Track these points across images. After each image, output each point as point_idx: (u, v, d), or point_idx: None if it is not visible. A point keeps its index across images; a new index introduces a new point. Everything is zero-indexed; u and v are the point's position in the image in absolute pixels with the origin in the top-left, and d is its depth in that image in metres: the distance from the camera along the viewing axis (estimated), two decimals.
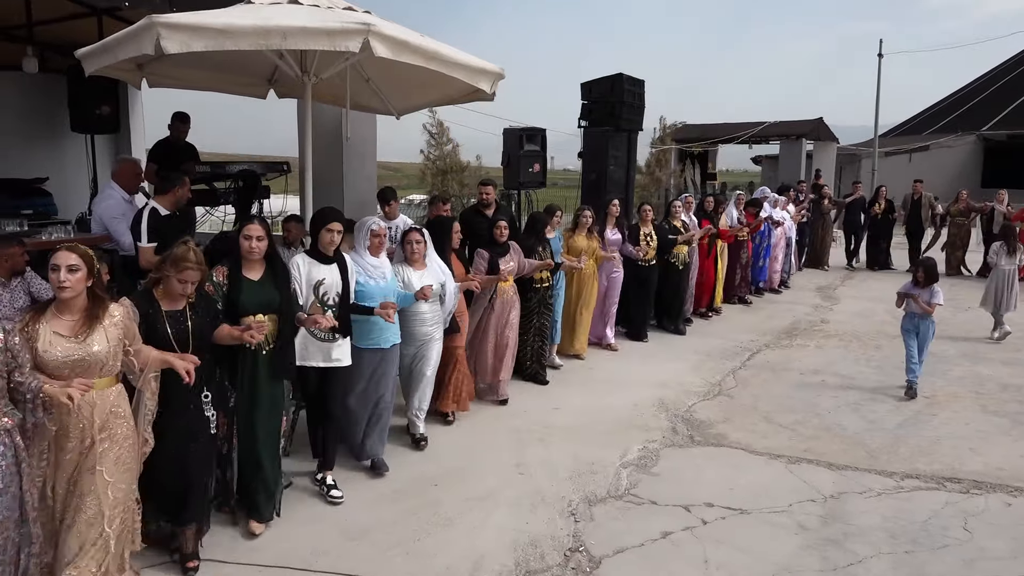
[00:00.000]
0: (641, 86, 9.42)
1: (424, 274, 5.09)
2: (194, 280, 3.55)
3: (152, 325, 3.49)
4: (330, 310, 4.33)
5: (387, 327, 4.73)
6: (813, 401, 6.42)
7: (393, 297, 4.75)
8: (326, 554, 3.84)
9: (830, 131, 20.71)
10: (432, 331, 5.21)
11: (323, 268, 4.39)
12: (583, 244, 7.30)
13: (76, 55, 4.80)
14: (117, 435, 3.22)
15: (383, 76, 6.03)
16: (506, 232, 6.16)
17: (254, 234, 3.98)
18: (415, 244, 5.07)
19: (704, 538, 4.08)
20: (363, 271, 4.67)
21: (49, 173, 8.22)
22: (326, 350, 4.39)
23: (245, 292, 3.93)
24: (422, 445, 5.24)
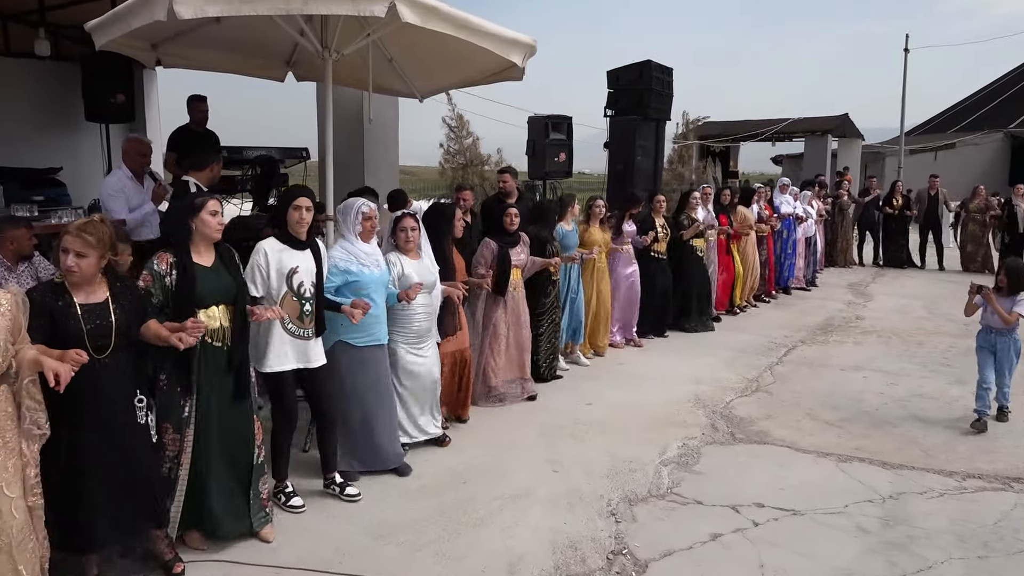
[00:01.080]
0: (669, 74, 9.14)
1: (420, 264, 4.63)
2: (76, 250, 2.91)
3: (62, 321, 2.91)
4: (308, 303, 3.85)
5: (383, 319, 4.33)
6: (857, 398, 6.09)
7: (384, 289, 4.33)
8: (350, 555, 3.56)
9: (855, 128, 20.30)
10: (431, 328, 4.75)
11: (296, 254, 3.84)
12: (599, 237, 6.95)
13: (86, 28, 4.57)
14: (11, 443, 2.68)
15: (406, 55, 5.77)
16: (517, 220, 5.73)
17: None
18: (410, 231, 4.56)
19: (757, 540, 3.76)
20: (355, 259, 4.19)
21: (63, 163, 8.03)
22: (304, 348, 3.90)
23: (201, 280, 3.36)
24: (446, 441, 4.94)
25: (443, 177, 15.43)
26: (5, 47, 8.26)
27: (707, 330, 8.31)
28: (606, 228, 7.11)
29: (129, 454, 3.13)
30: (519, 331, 5.79)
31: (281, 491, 4.02)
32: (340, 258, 4.18)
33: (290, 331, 3.85)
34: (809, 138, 19.57)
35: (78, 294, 2.99)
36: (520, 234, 5.77)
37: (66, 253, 2.92)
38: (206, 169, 5.17)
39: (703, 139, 19.97)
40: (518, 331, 5.78)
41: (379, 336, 4.33)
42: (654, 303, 7.90)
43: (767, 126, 19.41)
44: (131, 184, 5.45)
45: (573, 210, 6.72)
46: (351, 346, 4.24)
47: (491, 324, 5.66)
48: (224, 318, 3.46)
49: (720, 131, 20.18)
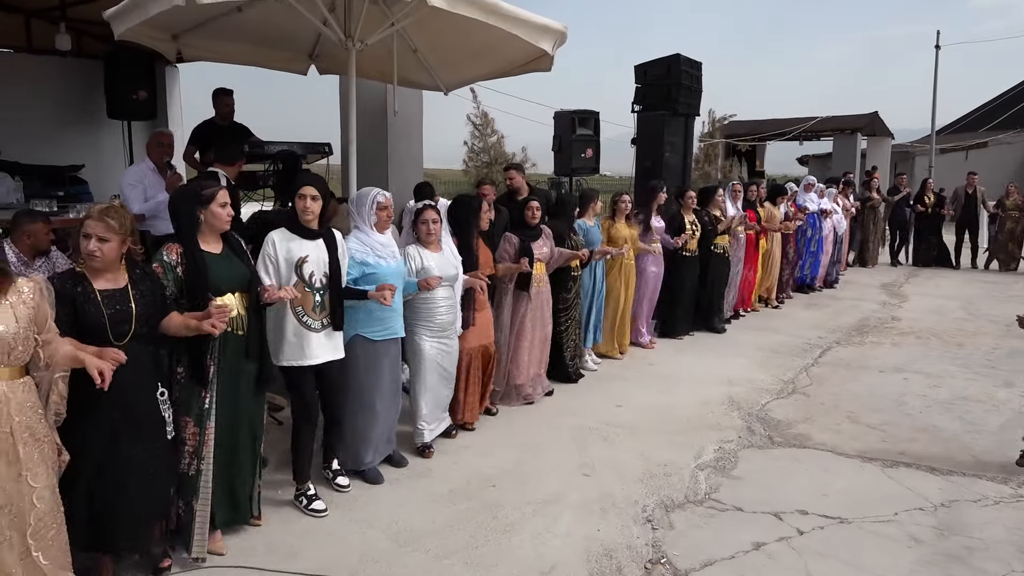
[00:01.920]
0: (699, 68, 8.92)
1: (441, 257, 4.53)
2: (99, 234, 2.85)
3: (82, 309, 2.85)
4: (319, 294, 3.73)
5: (400, 312, 4.23)
6: (899, 400, 5.85)
7: (401, 281, 4.20)
8: (375, 562, 3.40)
9: (885, 126, 19.89)
10: (453, 321, 4.64)
11: (305, 244, 3.72)
12: (625, 233, 6.74)
13: (105, 16, 4.45)
14: (38, 432, 2.62)
15: (432, 46, 5.61)
16: (539, 214, 5.55)
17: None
18: (431, 224, 4.47)
19: (803, 550, 3.55)
20: (372, 250, 4.07)
21: (85, 161, 7.95)
22: (323, 342, 3.78)
23: (213, 267, 3.28)
24: (454, 433, 4.89)
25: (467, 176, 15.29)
26: (27, 44, 8.20)
27: (717, 332, 8.01)
28: (632, 224, 6.91)
29: (148, 449, 3.05)
30: (543, 327, 5.65)
31: (303, 494, 3.88)
32: (356, 250, 4.05)
33: (305, 323, 3.73)
34: (838, 137, 19.20)
35: (97, 281, 2.91)
36: (542, 228, 5.61)
37: (88, 238, 2.86)
38: (235, 165, 5.16)
39: (729, 138, 19.68)
40: (543, 327, 5.64)
41: (396, 329, 4.23)
42: (683, 302, 7.69)
43: (795, 125, 19.07)
44: (152, 176, 5.40)
45: (595, 206, 6.51)
46: (368, 340, 4.11)
47: (517, 321, 5.48)
48: (239, 305, 3.37)
49: (747, 130, 19.88)
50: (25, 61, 8.26)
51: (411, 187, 6.70)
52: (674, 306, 7.64)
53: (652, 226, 7.13)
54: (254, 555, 3.43)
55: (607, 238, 6.64)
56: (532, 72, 5.52)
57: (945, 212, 13.09)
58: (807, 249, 10.29)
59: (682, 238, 7.32)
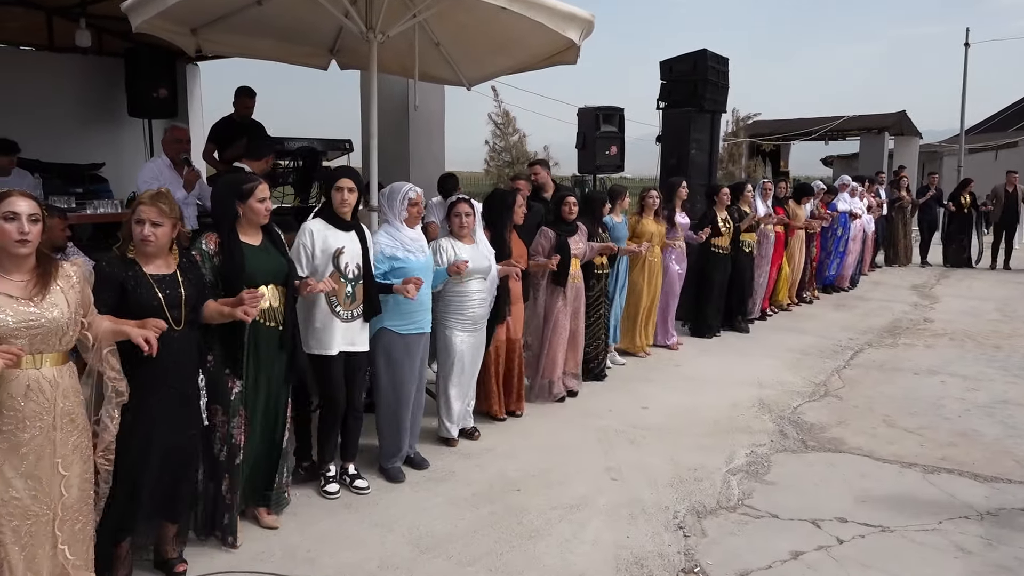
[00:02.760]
0: (725, 64, 8.70)
1: (474, 250, 4.51)
2: (152, 219, 2.88)
3: (135, 291, 2.87)
4: (351, 284, 3.77)
5: (428, 306, 4.19)
6: (937, 403, 5.64)
7: (430, 276, 4.20)
8: (395, 568, 3.27)
9: (913, 125, 19.48)
10: (485, 315, 4.63)
11: (342, 235, 3.77)
12: (652, 229, 6.63)
13: (122, 8, 4.37)
14: (77, 419, 2.60)
15: (454, 39, 5.49)
16: (575, 209, 5.50)
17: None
18: (464, 216, 4.46)
19: (844, 560, 3.38)
20: (401, 245, 4.06)
21: (106, 158, 7.91)
22: (350, 332, 3.83)
23: (250, 259, 3.32)
24: (476, 435, 4.80)
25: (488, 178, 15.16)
26: (49, 42, 8.20)
27: (741, 332, 7.87)
28: (660, 221, 6.78)
29: (186, 431, 3.09)
30: (577, 323, 5.58)
31: (322, 474, 3.97)
32: (386, 244, 4.04)
33: (337, 314, 3.76)
34: (864, 136, 18.83)
35: (148, 266, 2.94)
36: (578, 224, 5.55)
37: (141, 224, 2.89)
38: (262, 160, 5.16)
39: (753, 137, 19.41)
40: (576, 323, 5.56)
41: (422, 324, 4.18)
42: (713, 300, 7.56)
43: (820, 124, 18.75)
44: (168, 172, 5.34)
45: (623, 202, 6.42)
46: (395, 333, 4.07)
47: (553, 316, 5.41)
48: (275, 298, 3.39)
49: (771, 129, 19.58)
50: (46, 59, 8.26)
51: (433, 184, 6.59)
52: (704, 304, 7.51)
53: (676, 222, 7.04)
54: (271, 560, 3.31)
55: (632, 234, 6.54)
56: (557, 65, 5.38)
57: (985, 208, 12.79)
58: (835, 248, 10.11)
59: (704, 232, 7.18)
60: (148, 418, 2.92)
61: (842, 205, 9.97)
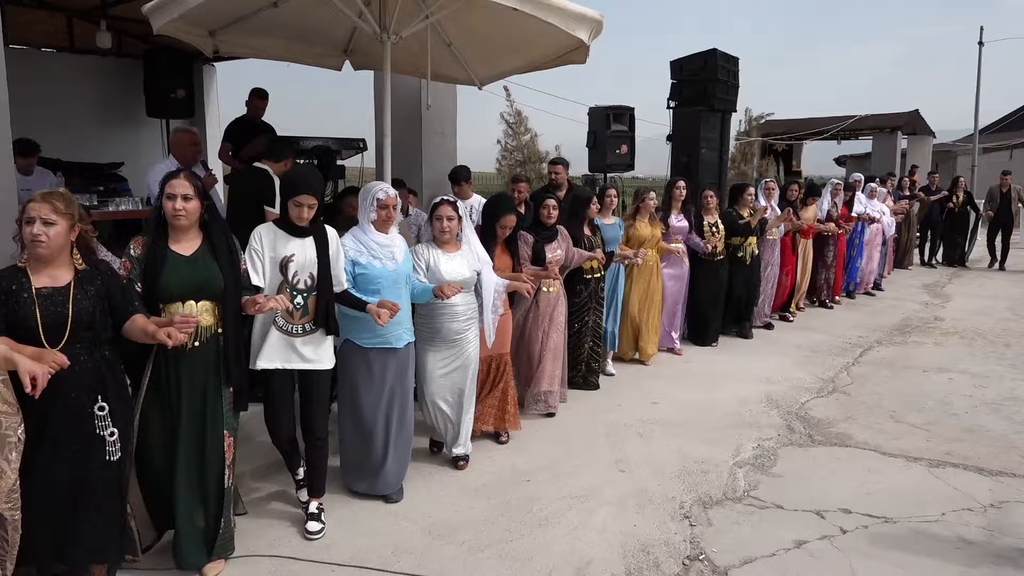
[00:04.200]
0: (736, 64, 8.78)
1: (456, 258, 4.14)
2: (43, 216, 2.57)
3: (13, 305, 2.55)
4: (301, 296, 3.39)
5: (398, 320, 3.68)
6: (945, 400, 5.68)
7: (404, 285, 3.84)
8: (408, 553, 3.37)
9: (927, 124, 19.44)
10: (468, 330, 4.23)
11: (292, 242, 3.40)
12: (646, 232, 6.33)
13: (143, 10, 4.46)
14: None
15: (466, 40, 5.57)
16: (555, 213, 5.15)
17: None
18: (446, 221, 4.10)
19: (847, 549, 3.45)
20: (367, 250, 3.73)
21: (125, 158, 8.09)
22: (295, 347, 3.42)
23: (169, 270, 2.92)
24: (461, 465, 4.33)
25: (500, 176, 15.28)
26: (70, 44, 8.36)
27: (745, 337, 7.60)
28: (656, 223, 6.50)
29: (78, 470, 2.68)
30: (556, 336, 5.19)
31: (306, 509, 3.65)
32: (350, 247, 3.73)
33: (278, 325, 3.39)
34: (877, 136, 18.80)
35: (39, 276, 2.62)
36: (558, 228, 5.22)
37: (31, 222, 2.59)
38: (282, 162, 5.20)
39: (765, 136, 19.40)
40: (555, 336, 5.17)
41: (390, 339, 3.76)
42: (709, 307, 7.26)
43: (833, 123, 18.73)
44: None
45: (611, 201, 6.10)
46: (356, 346, 3.76)
47: (525, 328, 5.11)
48: (202, 315, 3.00)
49: (783, 129, 19.56)
50: (67, 60, 8.43)
51: (445, 184, 6.69)
52: (699, 312, 7.26)
53: (672, 225, 6.79)
54: (288, 545, 3.42)
55: (626, 237, 6.27)
56: (567, 64, 5.45)
57: (988, 214, 12.75)
58: (849, 252, 9.72)
59: (709, 244, 6.97)
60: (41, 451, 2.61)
61: (858, 207, 9.69)
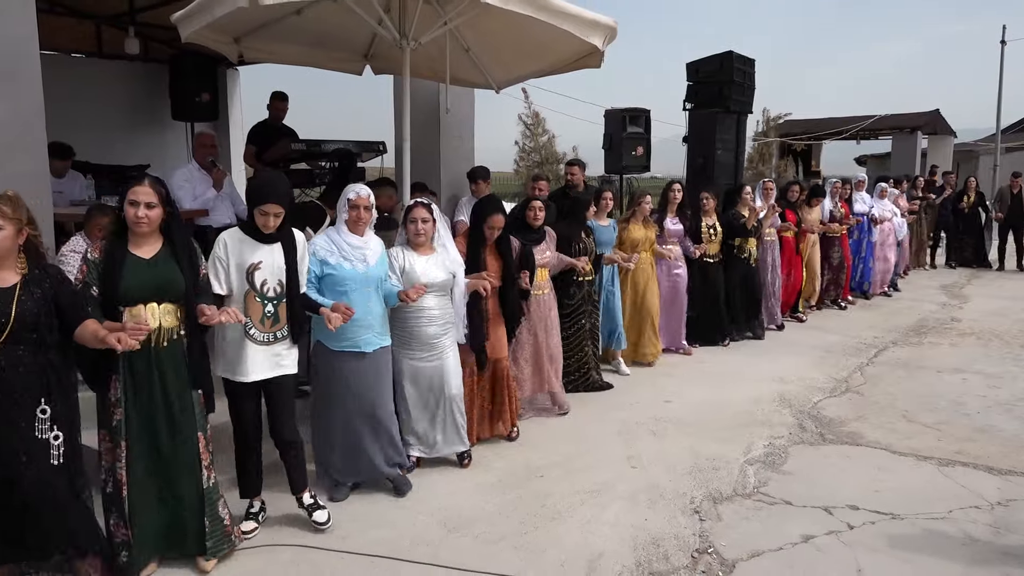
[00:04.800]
0: (752, 65, 8.83)
1: (431, 261, 4.10)
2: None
3: None
4: (271, 303, 3.37)
5: (367, 324, 3.74)
6: (958, 400, 5.72)
7: (376, 289, 3.82)
8: (425, 544, 3.49)
9: (947, 124, 19.33)
10: (445, 334, 4.20)
11: (260, 248, 3.36)
12: (640, 234, 6.32)
13: (172, 19, 4.65)
14: None
15: (484, 45, 5.70)
16: (541, 215, 5.09)
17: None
18: (420, 223, 4.04)
19: (853, 544, 3.53)
20: (337, 250, 3.70)
21: (151, 160, 8.27)
22: (270, 356, 3.40)
23: (129, 273, 2.92)
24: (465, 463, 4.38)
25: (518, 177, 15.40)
26: (98, 49, 8.58)
27: (756, 338, 7.57)
28: (650, 226, 6.48)
29: (15, 472, 2.69)
30: (547, 338, 5.15)
31: (247, 509, 3.62)
32: (321, 246, 3.73)
33: (251, 335, 3.36)
34: (897, 136, 18.73)
35: None
36: (545, 230, 5.18)
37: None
38: None
39: (784, 137, 19.37)
40: (546, 338, 5.14)
41: (359, 343, 3.77)
42: (708, 311, 7.19)
43: (852, 123, 18.68)
44: (199, 174, 5.75)
45: (607, 204, 6.11)
46: (327, 349, 3.79)
47: (521, 333, 5.03)
48: (164, 318, 3.01)
49: (802, 129, 19.53)
50: (96, 65, 8.64)
51: (464, 183, 6.81)
52: (697, 315, 7.15)
53: (667, 228, 6.74)
54: (307, 536, 3.55)
55: (619, 239, 6.25)
56: (582, 69, 5.57)
57: (999, 217, 12.65)
58: (855, 253, 9.59)
59: (700, 248, 6.90)
60: None
61: (858, 206, 9.53)
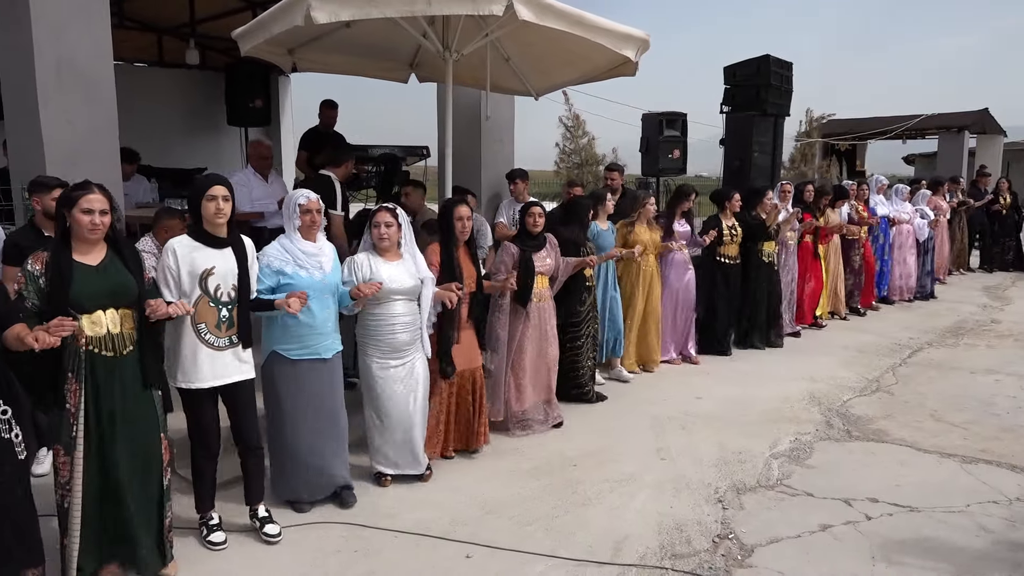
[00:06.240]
0: (789, 68, 8.93)
1: (398, 266, 4.04)
2: None
3: None
4: (226, 308, 3.36)
5: (326, 331, 3.75)
6: (988, 400, 5.81)
7: (333, 296, 3.81)
8: (464, 525, 3.76)
9: (996, 123, 18.97)
10: (414, 342, 4.13)
11: (212, 254, 3.33)
12: (645, 237, 6.23)
13: (233, 35, 4.98)
14: None
15: (523, 54, 5.96)
16: (541, 221, 4.98)
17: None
18: (383, 227, 3.99)
19: (869, 534, 3.70)
20: (292, 258, 3.65)
21: (207, 163, 8.73)
22: (226, 362, 3.40)
23: (80, 281, 2.91)
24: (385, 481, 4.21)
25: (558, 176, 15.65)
26: (160, 58, 9.06)
27: (774, 347, 7.37)
28: (655, 228, 6.43)
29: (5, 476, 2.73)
30: (545, 347, 5.09)
31: (204, 523, 3.57)
32: (275, 256, 3.66)
33: (207, 341, 3.35)
34: (943, 135, 18.46)
35: None
36: (546, 236, 5.07)
37: None
38: (342, 166, 5.66)
39: (827, 136, 19.23)
40: (544, 347, 5.08)
41: (318, 349, 3.74)
42: (724, 314, 7.07)
43: (898, 123, 18.46)
44: (255, 179, 6.06)
45: (607, 207, 6.06)
46: (284, 358, 3.71)
47: (515, 340, 4.97)
48: (115, 324, 3.01)
49: (846, 129, 19.36)
50: (157, 74, 9.14)
51: (503, 186, 7.08)
52: (713, 319, 7.06)
53: (675, 230, 6.62)
54: (359, 515, 3.85)
55: (623, 243, 6.17)
56: (617, 77, 5.80)
57: None
58: (879, 256, 9.42)
59: (709, 236, 6.79)
60: None
61: (881, 209, 9.34)
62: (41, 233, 3.93)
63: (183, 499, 3.76)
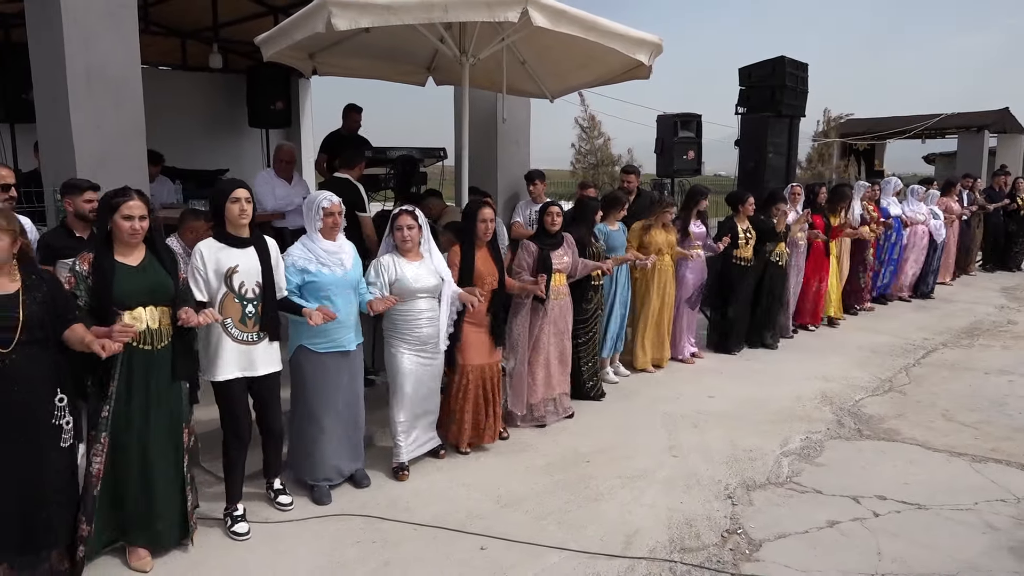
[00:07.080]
0: (804, 70, 8.98)
1: (420, 266, 4.26)
2: None
3: None
4: (251, 304, 3.58)
5: (349, 324, 3.97)
6: (1001, 401, 5.84)
7: (354, 291, 4.04)
8: (480, 518, 3.87)
9: (1017, 122, 18.84)
10: (434, 336, 4.35)
11: (235, 252, 3.55)
12: (661, 239, 6.31)
13: (256, 41, 5.12)
14: None
15: (538, 58, 6.05)
16: (559, 220, 5.12)
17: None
18: (406, 230, 4.20)
19: (876, 530, 3.78)
20: (315, 257, 3.88)
21: (229, 165, 8.90)
22: (251, 354, 3.62)
23: (123, 280, 3.14)
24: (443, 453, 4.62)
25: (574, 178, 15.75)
26: (183, 62, 9.24)
27: (770, 348, 7.38)
28: (671, 230, 6.49)
29: (36, 456, 2.95)
30: (561, 343, 5.26)
31: (229, 514, 3.72)
32: (299, 256, 3.89)
33: (232, 335, 3.57)
34: (963, 134, 18.35)
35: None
36: (563, 235, 5.21)
37: None
38: (355, 167, 5.79)
39: (845, 136, 19.17)
40: (560, 343, 5.25)
41: (343, 342, 3.98)
42: (738, 314, 7.14)
43: (916, 122, 18.37)
44: (278, 180, 6.21)
45: (619, 212, 6.12)
46: (310, 351, 3.93)
47: (533, 336, 5.11)
48: (154, 320, 3.22)
49: (864, 128, 19.29)
50: (181, 77, 9.32)
51: (519, 189, 7.17)
52: (727, 318, 7.15)
53: (691, 232, 6.70)
54: (377, 508, 3.97)
55: (637, 244, 6.28)
56: (631, 80, 5.89)
57: None
58: (889, 256, 9.37)
59: (723, 241, 6.79)
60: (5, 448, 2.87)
61: (894, 209, 9.30)
62: (72, 234, 4.06)
63: (208, 492, 3.95)
